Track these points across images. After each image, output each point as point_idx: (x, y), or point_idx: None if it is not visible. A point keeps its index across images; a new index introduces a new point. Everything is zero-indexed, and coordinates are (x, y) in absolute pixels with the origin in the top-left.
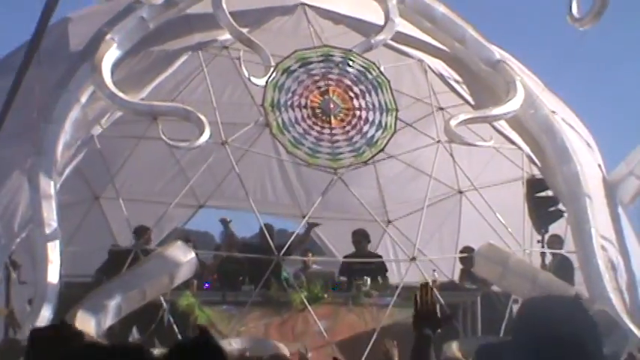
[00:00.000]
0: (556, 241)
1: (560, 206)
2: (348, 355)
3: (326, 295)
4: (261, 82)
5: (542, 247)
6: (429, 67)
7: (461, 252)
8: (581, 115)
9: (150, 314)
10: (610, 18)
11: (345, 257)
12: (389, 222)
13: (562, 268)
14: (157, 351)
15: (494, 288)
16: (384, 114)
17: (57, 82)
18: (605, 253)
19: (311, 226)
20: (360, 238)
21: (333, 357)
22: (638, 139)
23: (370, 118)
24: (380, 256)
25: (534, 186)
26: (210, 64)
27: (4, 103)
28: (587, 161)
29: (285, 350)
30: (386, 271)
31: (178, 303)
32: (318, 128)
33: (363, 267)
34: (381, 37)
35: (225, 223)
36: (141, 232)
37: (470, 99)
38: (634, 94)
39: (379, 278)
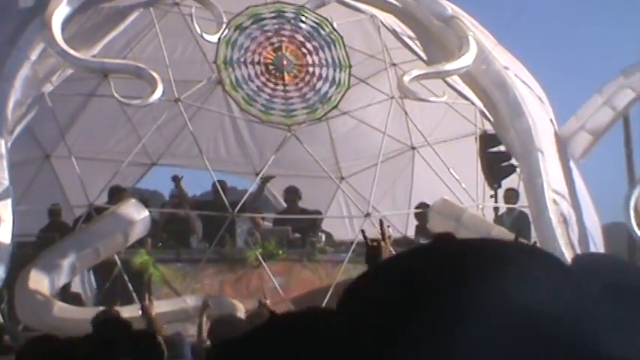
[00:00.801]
0: (513, 195)
1: (513, 161)
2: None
3: (280, 252)
4: (214, 39)
5: (495, 201)
6: (382, 23)
7: (416, 208)
8: (533, 70)
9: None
10: None
11: (278, 214)
12: (342, 179)
13: (519, 221)
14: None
15: None
16: (338, 70)
17: (6, 40)
18: (557, 207)
19: (265, 180)
20: (293, 195)
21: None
22: (588, 94)
23: (323, 75)
24: (320, 212)
25: (487, 141)
26: (161, 20)
27: None
28: (540, 116)
29: (241, 307)
30: (317, 227)
31: (132, 261)
32: (271, 85)
33: (296, 224)
34: None
35: (176, 180)
36: (116, 193)
37: (423, 55)
38: (586, 50)
39: (311, 234)
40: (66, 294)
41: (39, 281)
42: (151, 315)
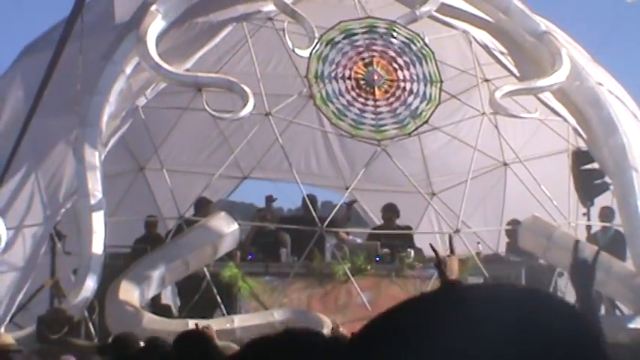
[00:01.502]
0: (608, 213)
1: (606, 179)
2: None
3: (369, 267)
4: (305, 53)
5: (588, 219)
6: (474, 39)
7: (507, 224)
8: (628, 87)
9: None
10: None
11: (374, 229)
12: (433, 194)
13: (615, 241)
14: (192, 323)
15: (540, 261)
16: (429, 85)
17: (102, 54)
18: None
19: (351, 204)
20: (390, 213)
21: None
22: None
23: (414, 90)
24: (410, 228)
25: (580, 158)
26: (254, 35)
27: (44, 75)
28: (634, 133)
29: (328, 322)
30: (409, 243)
31: (222, 274)
32: (361, 100)
33: (389, 240)
34: (425, 8)
35: (269, 200)
36: (202, 205)
37: (515, 70)
38: None
39: (401, 250)
40: (156, 305)
41: (129, 292)
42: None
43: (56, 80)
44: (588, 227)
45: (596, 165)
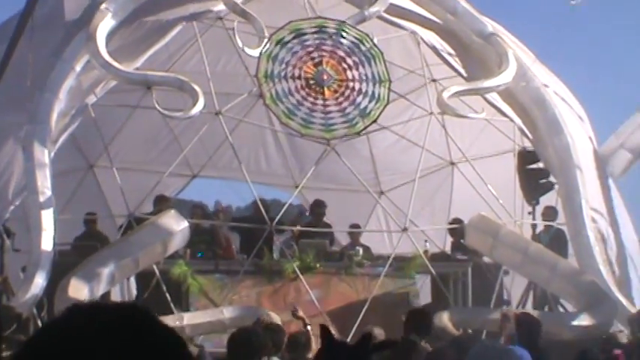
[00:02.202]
0: (551, 213)
1: (551, 178)
2: (339, 324)
3: (318, 265)
4: (255, 52)
5: (533, 218)
6: (422, 39)
7: (450, 223)
8: (573, 88)
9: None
10: None
11: (303, 226)
12: (381, 193)
13: (557, 239)
14: None
15: (485, 259)
16: (377, 85)
17: (52, 51)
18: (595, 225)
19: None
20: (319, 209)
21: (321, 324)
22: (629, 112)
23: (363, 90)
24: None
25: (525, 158)
26: (204, 34)
27: None
28: (579, 133)
29: (277, 319)
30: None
31: (171, 271)
32: (311, 99)
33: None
34: (374, 9)
35: (216, 205)
36: (160, 201)
37: (462, 71)
38: (626, 67)
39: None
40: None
41: (79, 289)
42: None
43: (5, 77)
44: (533, 226)
45: (541, 164)
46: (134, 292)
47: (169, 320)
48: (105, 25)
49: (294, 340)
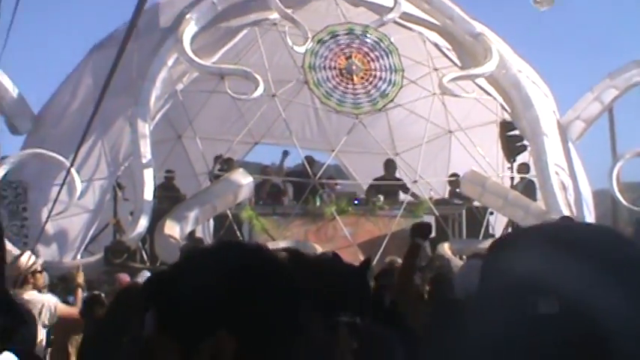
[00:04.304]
0: (524, 168)
1: (525, 142)
2: (366, 253)
3: (350, 209)
4: (302, 49)
5: (511, 172)
6: (427, 38)
7: (450, 177)
8: (540, 71)
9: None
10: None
11: (375, 180)
12: (396, 154)
13: (528, 188)
14: None
15: (476, 203)
16: (394, 73)
17: (150, 51)
18: (558, 177)
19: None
20: (389, 167)
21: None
22: (583, 91)
23: (383, 77)
24: (400, 179)
25: (506, 127)
26: (263, 36)
27: (111, 67)
28: (545, 108)
29: (320, 249)
30: (406, 189)
31: (241, 215)
32: (343, 84)
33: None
34: (391, 15)
35: (284, 154)
36: (227, 162)
37: (458, 62)
38: (581, 56)
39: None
40: (191, 238)
41: (172, 228)
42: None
43: (117, 70)
44: (511, 178)
45: (517, 132)
46: (212, 230)
47: None
48: (189, 30)
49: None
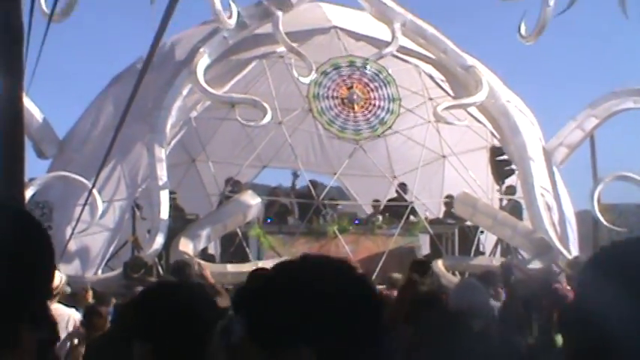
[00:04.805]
0: (511, 190)
1: (513, 166)
2: (365, 269)
3: (350, 227)
4: (306, 80)
5: (500, 194)
6: (423, 70)
7: (445, 198)
8: (527, 101)
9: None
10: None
11: (389, 201)
12: (394, 177)
13: (515, 208)
14: (229, 266)
15: (467, 223)
16: (391, 102)
17: (166, 81)
18: (543, 199)
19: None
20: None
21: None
22: (565, 119)
23: (382, 105)
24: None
25: (495, 152)
26: (271, 68)
27: (129, 97)
28: (531, 135)
29: None
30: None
31: (249, 233)
32: (345, 112)
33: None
34: (389, 49)
35: (295, 175)
36: (235, 184)
37: (451, 92)
38: (565, 89)
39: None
40: (204, 254)
41: (186, 245)
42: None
43: (135, 99)
44: (500, 199)
45: (506, 157)
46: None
47: (248, 267)
48: (203, 62)
49: None
